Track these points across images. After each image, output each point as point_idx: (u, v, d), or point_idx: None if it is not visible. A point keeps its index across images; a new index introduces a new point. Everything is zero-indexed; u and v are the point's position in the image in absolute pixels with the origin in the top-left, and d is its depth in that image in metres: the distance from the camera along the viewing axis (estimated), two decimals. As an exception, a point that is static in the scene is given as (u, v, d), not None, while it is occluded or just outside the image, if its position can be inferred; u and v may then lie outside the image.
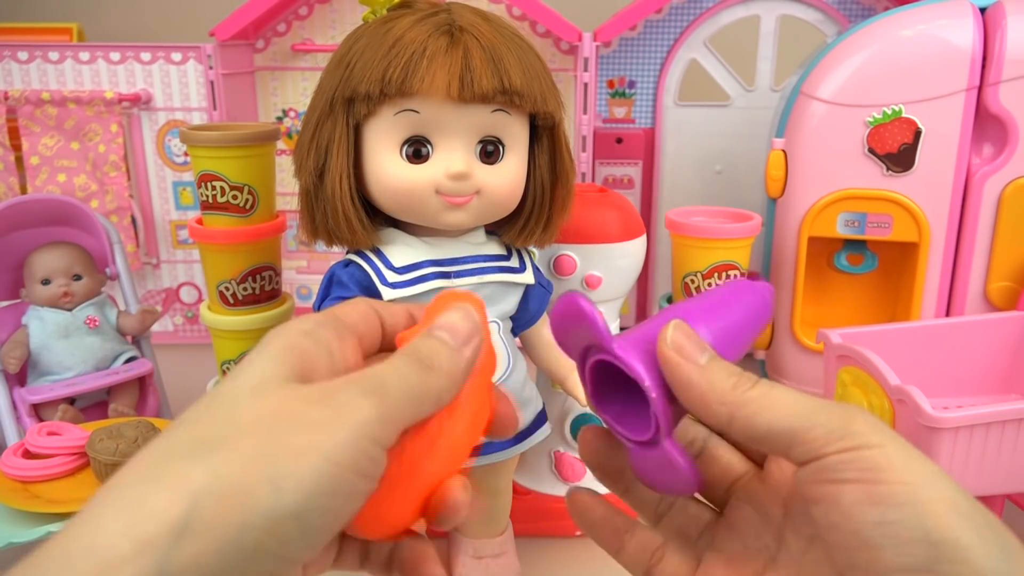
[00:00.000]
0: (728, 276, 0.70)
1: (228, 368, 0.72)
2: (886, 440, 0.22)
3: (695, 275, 0.71)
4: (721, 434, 0.25)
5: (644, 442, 0.26)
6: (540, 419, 0.56)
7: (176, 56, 0.95)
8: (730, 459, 0.28)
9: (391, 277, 0.50)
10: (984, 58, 0.68)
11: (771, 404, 0.23)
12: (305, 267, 1.06)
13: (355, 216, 0.49)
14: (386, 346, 0.26)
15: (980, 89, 0.68)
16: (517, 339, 0.57)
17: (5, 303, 0.76)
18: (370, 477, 0.21)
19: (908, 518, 0.21)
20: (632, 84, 0.97)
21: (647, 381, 0.24)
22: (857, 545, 0.21)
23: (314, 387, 0.22)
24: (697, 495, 0.29)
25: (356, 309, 0.26)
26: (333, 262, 0.52)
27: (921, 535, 0.21)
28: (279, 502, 0.19)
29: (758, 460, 0.28)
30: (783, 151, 0.73)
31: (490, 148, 0.49)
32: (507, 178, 0.50)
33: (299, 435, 0.20)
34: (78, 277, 0.75)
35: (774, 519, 0.26)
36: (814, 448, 0.22)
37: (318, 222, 0.50)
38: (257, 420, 0.20)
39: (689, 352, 0.24)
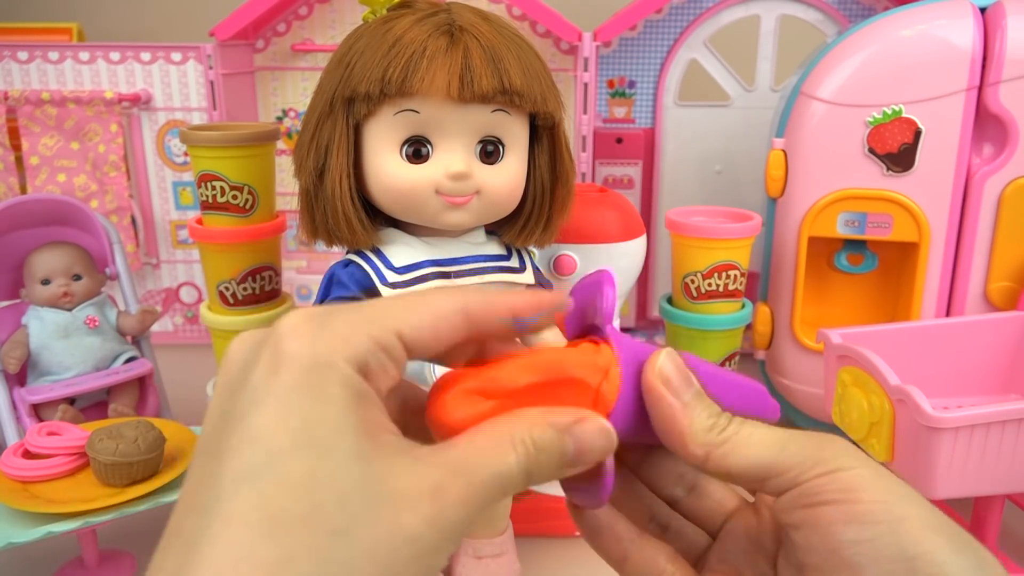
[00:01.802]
0: (728, 276, 0.70)
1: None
2: (858, 463, 0.23)
3: (695, 275, 0.71)
4: (697, 468, 0.25)
5: None
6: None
7: (176, 56, 0.95)
8: (722, 494, 0.28)
9: (391, 277, 0.50)
10: (984, 58, 0.68)
11: (745, 442, 0.24)
12: (305, 267, 1.06)
13: (355, 216, 0.49)
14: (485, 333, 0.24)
15: (980, 89, 0.68)
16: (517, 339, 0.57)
17: (5, 303, 0.76)
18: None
19: (884, 535, 0.21)
20: (632, 84, 0.97)
21: (620, 361, 0.24)
22: (837, 564, 0.22)
23: (414, 490, 0.20)
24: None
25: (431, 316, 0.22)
26: (333, 262, 0.52)
27: (897, 552, 0.21)
28: None
29: (749, 491, 0.28)
30: (783, 151, 0.73)
31: (490, 148, 0.49)
32: (507, 178, 0.50)
33: (404, 549, 0.19)
34: (78, 277, 0.75)
35: (768, 549, 0.26)
36: (790, 478, 0.23)
37: (318, 222, 0.50)
38: (372, 533, 0.19)
39: (675, 387, 0.24)
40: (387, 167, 0.48)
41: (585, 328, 0.27)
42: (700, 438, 0.24)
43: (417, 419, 0.24)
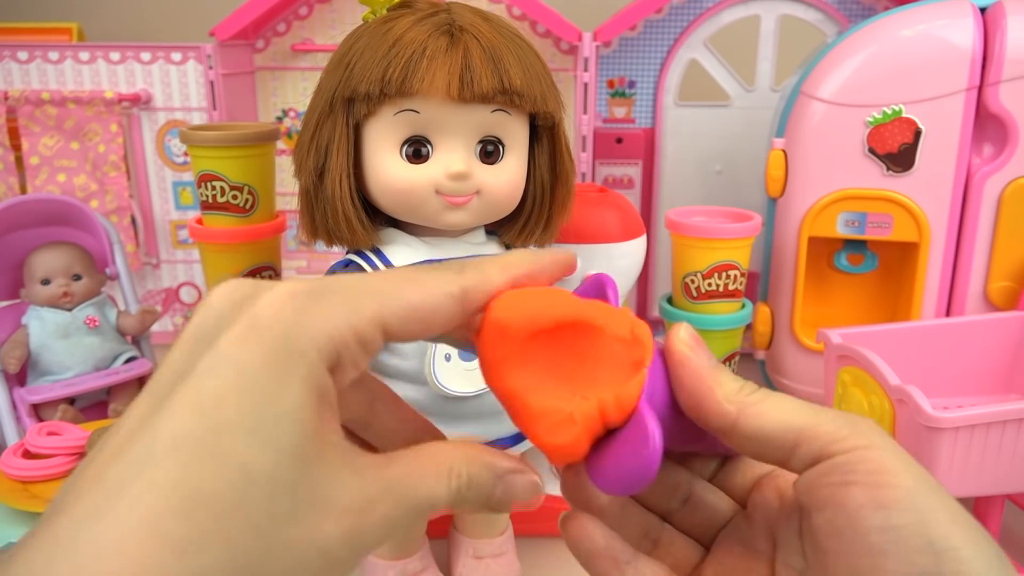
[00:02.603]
0: (728, 276, 0.70)
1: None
2: (887, 443, 0.22)
3: (695, 275, 0.71)
4: (719, 435, 0.24)
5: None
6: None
7: (176, 56, 0.95)
8: (716, 503, 0.28)
9: (391, 277, 0.50)
10: (984, 58, 0.68)
11: (776, 405, 0.23)
12: (305, 267, 1.06)
13: (355, 216, 0.49)
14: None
15: (980, 89, 0.68)
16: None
17: (5, 303, 0.76)
18: None
19: (912, 524, 0.21)
20: (632, 84, 0.97)
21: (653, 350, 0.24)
22: (862, 551, 0.21)
23: (345, 500, 0.20)
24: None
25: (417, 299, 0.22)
26: (333, 262, 0.52)
27: (924, 544, 0.20)
28: None
29: (742, 500, 0.28)
30: (783, 151, 0.73)
31: (490, 148, 0.49)
32: (507, 178, 0.50)
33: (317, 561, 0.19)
34: (78, 277, 0.75)
35: (763, 553, 0.26)
36: (820, 446, 0.22)
37: (318, 222, 0.50)
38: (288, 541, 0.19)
39: (699, 350, 0.24)
40: (387, 167, 0.48)
41: None
42: (733, 396, 0.23)
43: (384, 417, 0.25)
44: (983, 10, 0.69)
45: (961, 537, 0.21)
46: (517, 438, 0.54)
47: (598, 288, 0.26)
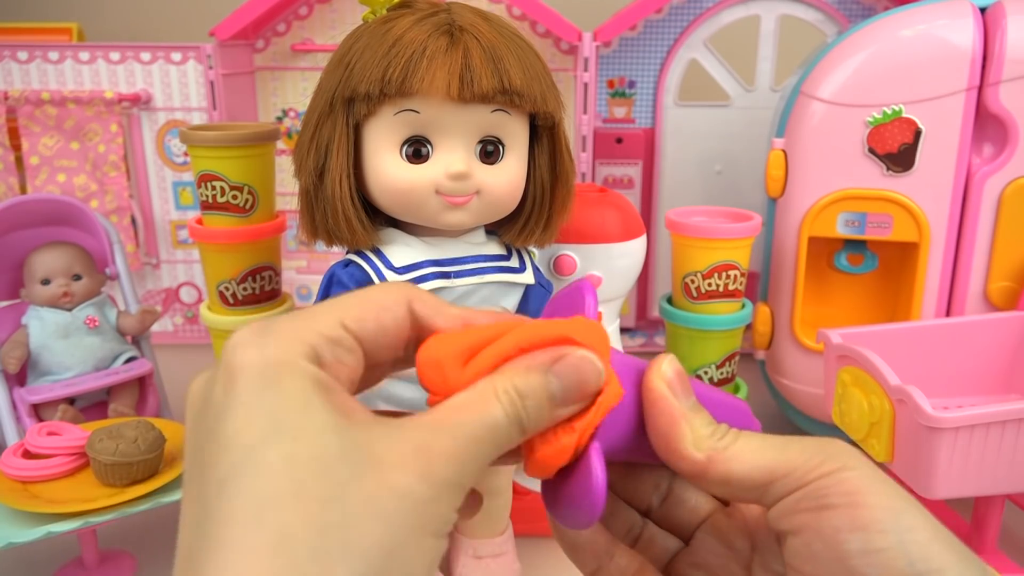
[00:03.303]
0: (728, 276, 0.70)
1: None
2: (860, 463, 0.22)
3: (695, 275, 0.71)
4: (689, 480, 0.24)
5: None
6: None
7: (176, 56, 0.95)
8: (696, 500, 0.28)
9: (391, 277, 0.50)
10: (984, 58, 0.68)
11: (746, 447, 0.23)
12: (305, 267, 1.06)
13: (355, 216, 0.49)
14: (415, 339, 0.23)
15: (980, 89, 0.68)
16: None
17: (5, 303, 0.76)
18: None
19: (893, 547, 0.20)
20: (632, 84, 0.97)
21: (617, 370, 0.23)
22: (840, 574, 0.21)
23: (402, 453, 0.19)
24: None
25: (378, 309, 0.23)
26: (333, 262, 0.52)
27: (905, 564, 0.20)
28: None
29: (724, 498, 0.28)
30: (783, 151, 0.73)
31: (490, 148, 0.49)
32: (507, 178, 0.50)
33: (410, 517, 0.19)
34: (78, 277, 0.75)
35: (741, 552, 0.26)
36: (794, 479, 0.22)
37: (318, 222, 0.50)
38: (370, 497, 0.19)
39: (678, 392, 0.24)
40: (387, 167, 0.48)
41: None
42: (703, 443, 0.23)
43: None
44: (983, 10, 0.69)
45: (945, 558, 0.20)
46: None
47: (575, 297, 0.25)
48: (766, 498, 0.23)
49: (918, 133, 0.69)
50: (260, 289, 0.71)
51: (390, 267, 0.50)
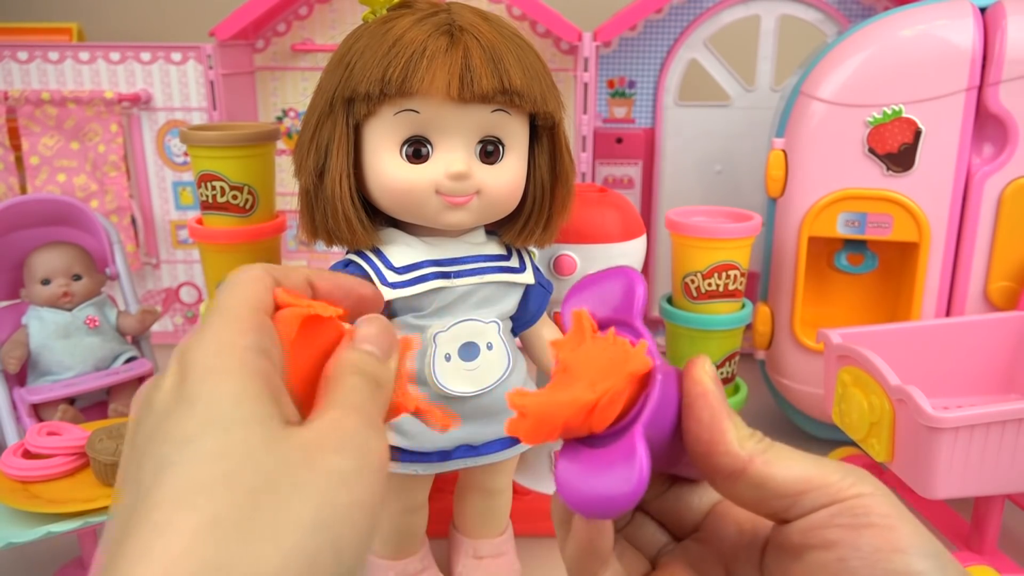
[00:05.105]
0: (728, 276, 0.70)
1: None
2: (884, 491, 0.23)
3: (695, 275, 0.71)
4: (724, 476, 0.24)
5: (604, 435, 0.24)
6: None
7: (176, 56, 0.95)
8: (653, 532, 0.28)
9: (391, 277, 0.50)
10: (984, 58, 0.68)
11: (784, 455, 0.24)
12: (305, 267, 1.06)
13: (355, 216, 0.49)
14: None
15: (980, 89, 0.68)
16: (517, 339, 0.57)
17: (5, 303, 0.76)
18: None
19: (931, 570, 0.21)
20: (632, 84, 0.97)
21: (656, 360, 0.24)
22: None
23: (321, 436, 0.21)
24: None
25: (260, 289, 0.24)
26: (333, 262, 0.52)
27: None
28: (339, 571, 0.19)
29: (680, 535, 0.28)
30: (783, 151, 0.73)
31: (490, 148, 0.49)
32: (507, 178, 0.50)
33: (341, 493, 0.20)
34: (78, 277, 0.75)
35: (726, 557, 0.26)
36: (830, 493, 0.23)
37: (318, 222, 0.50)
38: (298, 481, 0.20)
39: (719, 388, 0.25)
40: (387, 167, 0.48)
41: (608, 320, 0.26)
42: (746, 443, 0.24)
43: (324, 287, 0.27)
44: (983, 10, 0.69)
45: None
46: (513, 441, 0.54)
47: (625, 283, 0.26)
48: (795, 508, 0.23)
49: (918, 133, 0.69)
50: (260, 289, 0.71)
51: (390, 267, 0.50)
